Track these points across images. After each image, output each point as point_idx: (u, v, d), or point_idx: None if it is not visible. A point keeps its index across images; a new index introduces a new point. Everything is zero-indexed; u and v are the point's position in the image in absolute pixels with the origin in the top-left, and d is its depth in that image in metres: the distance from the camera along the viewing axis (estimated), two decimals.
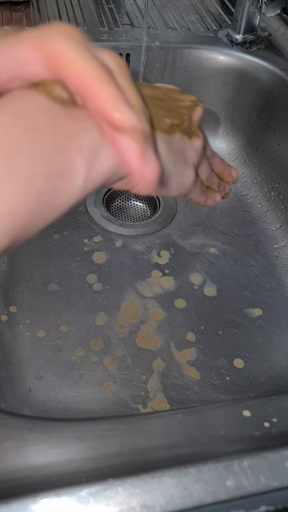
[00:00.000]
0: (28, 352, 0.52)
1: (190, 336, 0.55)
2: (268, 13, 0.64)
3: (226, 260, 0.62)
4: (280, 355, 0.54)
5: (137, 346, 0.53)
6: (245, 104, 0.72)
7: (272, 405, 0.33)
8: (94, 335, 0.54)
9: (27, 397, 0.48)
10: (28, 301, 0.56)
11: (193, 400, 0.50)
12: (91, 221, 0.65)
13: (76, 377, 0.50)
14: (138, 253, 0.62)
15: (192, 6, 0.78)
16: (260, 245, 0.64)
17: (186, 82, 0.73)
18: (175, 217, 0.67)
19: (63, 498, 0.27)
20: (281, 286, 0.60)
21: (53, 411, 0.48)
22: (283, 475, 0.29)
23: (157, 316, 0.56)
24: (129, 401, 0.49)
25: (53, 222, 0.56)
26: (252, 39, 0.70)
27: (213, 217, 0.68)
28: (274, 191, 0.68)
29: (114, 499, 0.27)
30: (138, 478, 0.28)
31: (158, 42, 0.70)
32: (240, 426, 0.32)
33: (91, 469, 0.29)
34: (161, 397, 0.50)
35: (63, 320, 0.55)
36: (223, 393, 0.50)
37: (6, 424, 0.31)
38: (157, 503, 0.27)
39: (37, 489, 0.27)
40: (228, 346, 0.54)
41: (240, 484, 0.28)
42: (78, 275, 0.59)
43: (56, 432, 0.31)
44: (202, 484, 0.28)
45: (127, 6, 0.77)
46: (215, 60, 0.71)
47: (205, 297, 0.58)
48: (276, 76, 0.67)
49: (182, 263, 0.62)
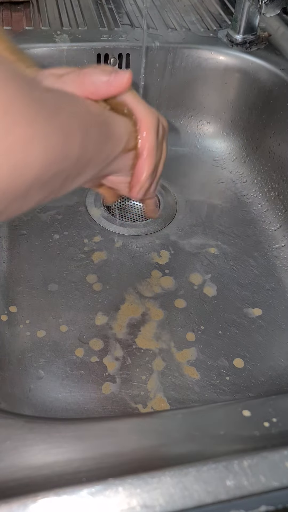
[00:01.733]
0: (28, 352, 0.52)
1: (190, 336, 0.55)
2: (268, 13, 0.64)
3: (226, 260, 0.62)
4: (280, 355, 0.54)
5: (137, 346, 0.53)
6: (245, 104, 0.72)
7: (272, 405, 0.33)
8: (94, 335, 0.54)
9: (27, 397, 0.48)
10: (28, 301, 0.56)
11: (193, 400, 0.50)
12: (91, 221, 0.65)
13: (76, 377, 0.50)
14: (138, 253, 0.62)
15: (192, 6, 0.78)
16: (260, 245, 0.64)
17: (186, 82, 0.73)
18: (175, 217, 0.67)
19: (63, 498, 0.27)
20: (281, 286, 0.60)
21: (53, 411, 0.48)
22: (283, 475, 0.29)
23: (157, 316, 0.56)
24: (129, 401, 0.49)
25: (53, 222, 0.58)
26: (252, 39, 0.70)
27: (213, 217, 0.68)
28: (274, 191, 0.68)
29: (114, 498, 0.27)
30: (138, 477, 0.28)
31: (158, 42, 0.70)
32: (240, 426, 0.32)
33: (91, 469, 0.29)
34: (161, 397, 0.50)
35: (63, 320, 0.55)
36: (223, 393, 0.50)
37: (6, 424, 0.31)
38: (157, 502, 0.27)
39: (37, 489, 0.27)
40: (228, 346, 0.54)
41: (240, 484, 0.28)
42: (78, 275, 0.59)
43: (56, 432, 0.31)
44: (202, 484, 0.28)
45: (127, 6, 0.77)
46: (215, 60, 0.71)
47: (205, 297, 0.58)
48: (276, 76, 0.67)
49: (182, 263, 0.62)
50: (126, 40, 0.70)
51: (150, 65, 0.71)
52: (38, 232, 0.63)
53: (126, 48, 0.69)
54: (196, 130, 0.77)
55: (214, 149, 0.76)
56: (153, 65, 0.71)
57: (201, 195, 0.71)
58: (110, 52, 0.69)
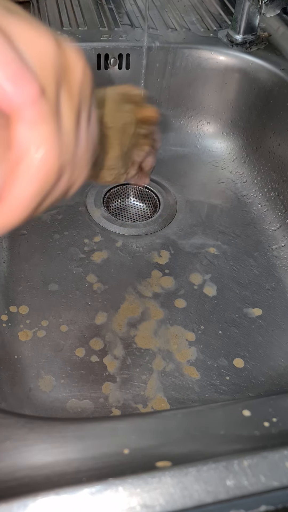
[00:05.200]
0: (28, 352, 0.52)
1: (190, 336, 0.55)
2: (268, 13, 0.64)
3: (226, 260, 0.62)
4: (280, 355, 0.54)
5: (137, 346, 0.53)
6: (245, 104, 0.72)
7: (272, 404, 0.33)
8: (94, 335, 0.54)
9: (27, 397, 0.49)
10: (28, 301, 0.56)
11: (193, 400, 0.50)
12: (91, 221, 0.65)
13: (76, 377, 0.50)
14: (138, 253, 0.62)
15: (192, 6, 0.78)
16: (260, 245, 0.64)
17: (186, 82, 0.73)
18: (175, 217, 0.67)
19: (63, 497, 0.27)
20: (281, 286, 0.60)
21: (53, 411, 0.48)
22: (283, 475, 0.29)
23: (157, 315, 0.56)
24: (129, 401, 0.49)
25: (53, 222, 0.58)
26: (252, 39, 0.70)
27: (213, 217, 0.68)
28: (274, 191, 0.68)
29: (114, 498, 0.27)
30: (138, 477, 0.28)
31: (158, 43, 0.70)
32: (240, 426, 0.32)
33: (91, 469, 0.29)
34: (161, 397, 0.50)
35: (63, 320, 0.55)
36: (223, 393, 0.50)
37: (6, 424, 0.31)
38: (157, 502, 0.27)
39: (37, 488, 0.27)
40: (228, 346, 0.54)
41: (240, 483, 0.28)
42: (78, 275, 0.59)
43: (56, 431, 0.31)
44: (202, 484, 0.28)
45: (127, 6, 0.77)
46: (215, 60, 0.71)
47: (205, 297, 0.58)
48: (276, 76, 0.67)
49: (182, 263, 0.62)
50: (126, 40, 0.70)
51: (150, 65, 0.71)
52: (38, 232, 0.63)
53: (126, 48, 0.69)
54: (196, 130, 0.77)
55: (214, 149, 0.76)
56: (153, 65, 0.71)
57: (201, 195, 0.71)
58: (110, 52, 0.69)
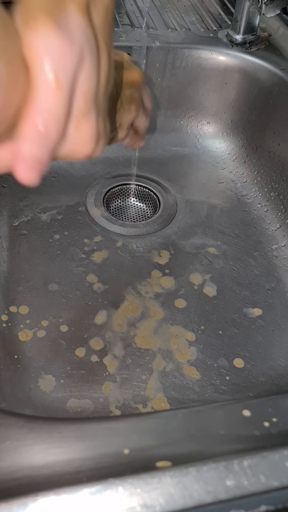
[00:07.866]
0: (28, 352, 0.52)
1: (190, 336, 0.55)
2: (268, 13, 0.64)
3: (226, 260, 0.62)
4: (280, 355, 0.54)
5: (137, 346, 0.53)
6: (245, 104, 0.72)
7: (272, 404, 0.33)
8: (94, 335, 0.54)
9: (27, 397, 0.48)
10: (28, 301, 0.56)
11: (193, 400, 0.50)
12: (91, 221, 0.65)
13: (76, 377, 0.50)
14: (138, 253, 0.62)
15: (192, 6, 0.78)
16: (260, 245, 0.65)
17: (186, 82, 0.73)
18: (175, 217, 0.67)
19: (63, 497, 0.27)
20: (281, 286, 0.60)
21: (53, 410, 0.48)
22: (283, 475, 0.29)
23: (157, 315, 0.56)
24: (129, 400, 0.49)
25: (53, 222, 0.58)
26: (252, 39, 0.70)
27: (213, 217, 0.68)
28: (274, 191, 0.68)
29: (114, 498, 0.27)
30: (138, 477, 0.28)
31: (158, 43, 0.70)
32: (240, 426, 0.32)
33: (91, 469, 0.29)
34: (161, 397, 0.50)
35: (63, 320, 0.55)
36: (223, 393, 0.50)
37: (6, 424, 0.31)
38: (157, 502, 0.27)
39: (37, 488, 0.27)
40: (228, 346, 0.54)
41: (240, 483, 0.28)
42: (78, 275, 0.59)
43: (56, 431, 0.31)
44: (202, 484, 0.28)
45: (127, 6, 0.77)
46: (215, 60, 0.71)
47: (205, 297, 0.58)
48: (276, 76, 0.67)
49: (182, 263, 0.62)
50: (126, 40, 0.69)
51: (150, 65, 0.71)
52: (38, 232, 0.63)
53: (126, 48, 0.69)
54: (196, 130, 0.77)
55: (214, 149, 0.76)
56: (153, 65, 0.71)
57: (201, 195, 0.71)
58: None
